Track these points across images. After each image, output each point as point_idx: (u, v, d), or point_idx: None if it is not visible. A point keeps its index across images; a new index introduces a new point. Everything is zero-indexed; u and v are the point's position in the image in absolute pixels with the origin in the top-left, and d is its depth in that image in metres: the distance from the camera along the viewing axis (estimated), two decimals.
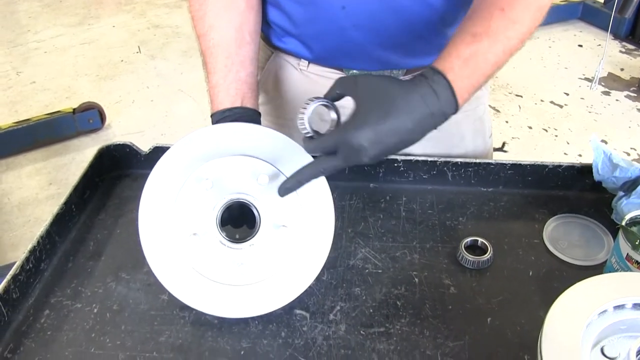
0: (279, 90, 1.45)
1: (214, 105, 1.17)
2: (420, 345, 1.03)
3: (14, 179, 3.53)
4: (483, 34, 1.01)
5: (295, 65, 1.39)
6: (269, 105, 1.48)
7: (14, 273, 1.07)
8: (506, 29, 1.03)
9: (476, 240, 1.21)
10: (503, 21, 1.03)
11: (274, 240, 1.09)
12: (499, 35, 1.02)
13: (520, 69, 4.67)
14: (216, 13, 1.19)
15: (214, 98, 1.17)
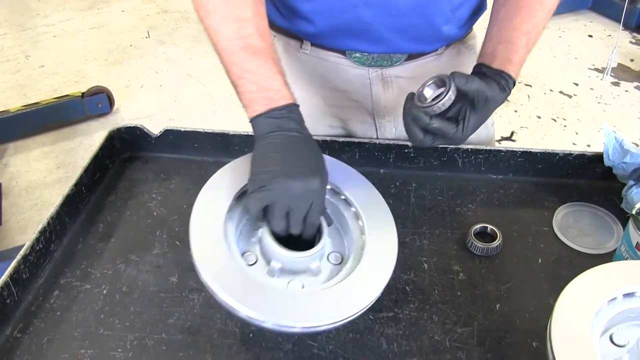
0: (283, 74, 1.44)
1: (281, 96, 1.07)
2: (429, 331, 1.03)
3: (22, 162, 3.54)
4: (532, 32, 1.19)
5: (297, 48, 1.39)
6: None
7: (24, 253, 1.08)
8: (545, 19, 1.21)
9: (485, 227, 1.21)
10: (543, 14, 1.20)
11: None
12: (540, 28, 1.21)
13: (530, 59, 4.56)
14: None
15: (278, 87, 1.08)
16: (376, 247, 1.03)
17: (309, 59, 1.39)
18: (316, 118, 1.46)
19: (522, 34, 1.18)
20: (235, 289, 0.91)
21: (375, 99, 1.41)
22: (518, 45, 1.17)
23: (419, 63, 1.37)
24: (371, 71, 1.37)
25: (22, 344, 1.01)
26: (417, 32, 1.29)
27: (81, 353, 0.99)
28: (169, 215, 1.26)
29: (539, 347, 1.01)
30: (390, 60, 1.35)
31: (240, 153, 1.36)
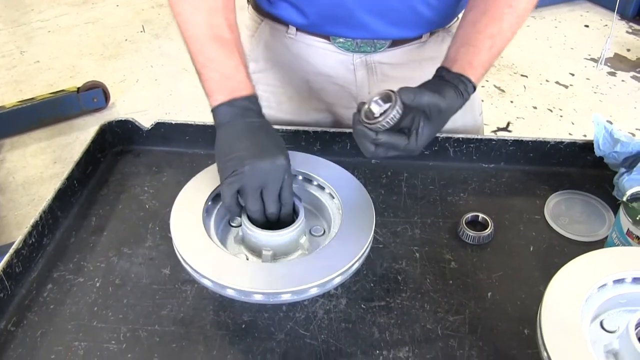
0: (268, 59, 1.46)
1: (243, 87, 1.09)
2: (421, 319, 1.03)
3: (19, 157, 3.54)
4: (497, 36, 1.16)
5: (283, 33, 1.40)
6: (259, 74, 1.48)
7: (17, 247, 1.08)
8: (514, 24, 1.18)
9: (477, 215, 1.21)
10: (512, 18, 1.17)
11: None
12: (508, 33, 1.18)
13: (526, 49, 4.65)
14: None
15: (240, 78, 1.10)
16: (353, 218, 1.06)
17: (294, 43, 1.40)
18: (301, 101, 1.49)
19: (486, 37, 1.15)
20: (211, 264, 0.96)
21: (360, 85, 1.43)
22: (480, 49, 1.15)
23: (403, 50, 1.38)
24: (355, 57, 1.38)
25: (16, 337, 1.01)
26: (398, 16, 1.29)
27: (75, 345, 1.00)
28: (161, 208, 1.26)
29: (530, 335, 1.01)
30: (374, 46, 1.36)
31: None
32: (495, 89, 4.14)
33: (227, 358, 0.98)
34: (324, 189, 1.12)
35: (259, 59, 1.46)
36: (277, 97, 1.49)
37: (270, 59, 1.46)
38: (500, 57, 3.88)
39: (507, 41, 1.18)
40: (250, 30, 1.46)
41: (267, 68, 1.47)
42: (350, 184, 1.12)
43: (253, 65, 1.47)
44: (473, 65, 1.14)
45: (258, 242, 1.02)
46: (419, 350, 0.98)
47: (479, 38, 1.15)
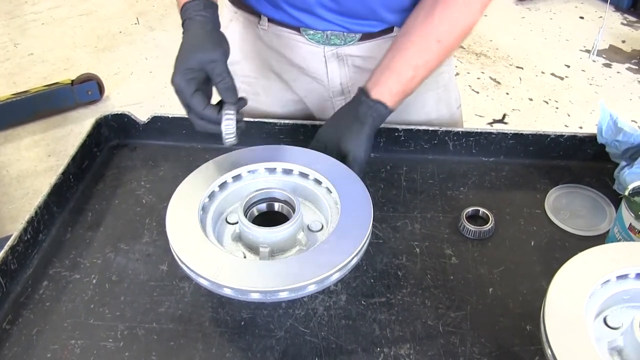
0: (243, 50, 1.47)
1: None
2: (422, 316, 1.03)
3: (13, 151, 3.52)
4: (421, 67, 1.21)
5: (255, 24, 1.41)
6: (235, 65, 1.46)
7: (12, 244, 1.07)
8: (441, 56, 1.23)
9: (477, 210, 1.20)
10: (438, 52, 1.22)
11: None
12: (433, 65, 1.23)
13: (521, 41, 4.64)
14: None
15: None
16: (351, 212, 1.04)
17: (266, 35, 1.41)
18: (277, 92, 1.50)
19: (410, 67, 1.20)
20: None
21: (331, 77, 1.43)
22: (403, 77, 1.20)
23: (374, 43, 1.38)
24: (326, 49, 1.38)
25: (11, 335, 1.00)
26: (360, 16, 1.31)
27: (71, 344, 0.99)
28: (158, 203, 1.25)
29: (532, 330, 1.00)
30: (344, 39, 1.36)
31: None
32: (490, 80, 4.14)
33: (226, 356, 0.97)
34: (320, 183, 1.11)
35: (235, 50, 1.45)
36: (254, 87, 1.50)
37: (245, 50, 1.47)
38: (496, 49, 3.89)
39: (431, 71, 1.23)
40: (225, 22, 1.47)
41: (242, 59, 1.48)
42: (348, 177, 1.10)
43: (230, 56, 1.47)
44: (393, 92, 1.19)
45: (255, 239, 1.00)
46: (420, 347, 0.98)
47: (404, 67, 1.20)
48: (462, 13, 1.20)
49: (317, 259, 0.94)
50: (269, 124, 1.37)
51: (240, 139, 1.37)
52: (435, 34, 1.20)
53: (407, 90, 1.21)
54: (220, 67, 1.07)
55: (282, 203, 1.08)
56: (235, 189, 1.12)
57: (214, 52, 1.07)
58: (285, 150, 1.16)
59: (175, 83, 1.07)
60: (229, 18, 1.46)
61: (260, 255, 1.00)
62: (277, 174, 1.14)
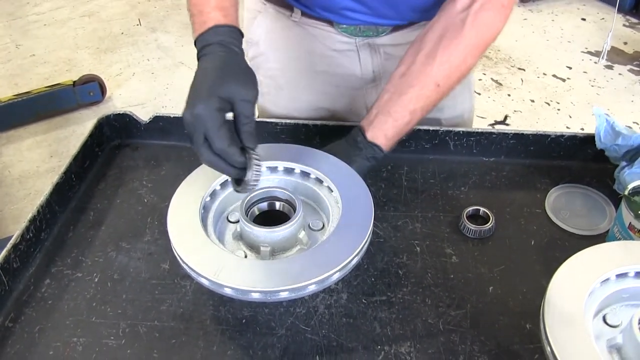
0: (269, 42, 1.47)
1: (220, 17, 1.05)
2: (422, 314, 1.03)
3: (15, 152, 3.53)
4: (418, 111, 1.19)
5: (287, 17, 1.40)
6: (259, 58, 1.49)
7: (15, 242, 1.07)
8: (437, 101, 1.20)
9: (478, 209, 1.21)
10: (436, 96, 1.19)
11: None
12: (430, 107, 1.20)
13: (523, 42, 4.64)
14: None
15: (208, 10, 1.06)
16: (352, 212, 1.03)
17: (298, 26, 1.41)
18: (301, 87, 1.49)
19: (407, 112, 1.18)
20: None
21: (364, 66, 1.44)
22: (400, 122, 1.18)
23: (405, 31, 1.38)
24: (358, 40, 1.39)
25: (13, 333, 1.01)
26: (385, 16, 1.32)
27: (73, 341, 0.99)
28: (159, 202, 1.25)
29: (532, 329, 1.00)
30: (377, 31, 1.37)
31: None
32: (492, 82, 4.14)
33: (227, 354, 0.97)
34: (322, 182, 1.11)
35: (260, 42, 1.47)
36: (277, 81, 1.49)
37: (272, 43, 1.46)
38: (497, 51, 3.88)
39: (425, 114, 1.20)
40: (252, 13, 1.47)
41: (268, 51, 1.48)
42: (349, 177, 1.11)
43: (254, 49, 1.49)
44: (388, 137, 1.18)
45: (256, 238, 1.01)
46: (420, 345, 0.98)
47: (400, 111, 1.18)
48: (463, 57, 1.18)
49: (318, 259, 0.94)
50: (270, 123, 1.38)
51: None
52: (434, 78, 1.17)
53: (402, 133, 1.20)
54: (251, 109, 0.97)
55: (283, 202, 1.08)
56: None
57: (251, 89, 0.97)
58: (287, 149, 1.16)
59: (196, 108, 0.92)
60: (257, 9, 1.46)
61: (261, 255, 1.01)
62: (279, 173, 1.14)
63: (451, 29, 1.16)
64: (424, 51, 1.18)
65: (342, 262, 0.93)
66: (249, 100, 0.96)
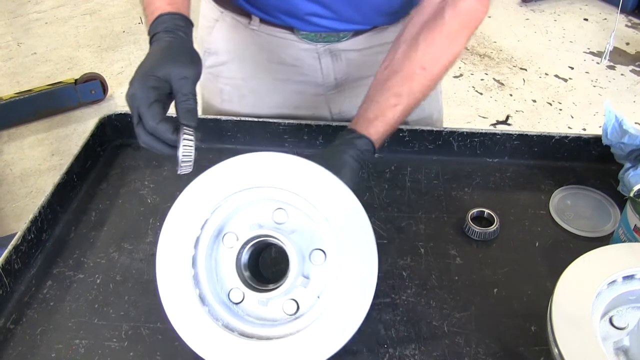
0: (230, 51, 1.44)
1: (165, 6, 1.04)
2: (427, 316, 1.02)
3: (16, 149, 3.52)
4: (404, 95, 1.13)
5: (245, 25, 1.38)
6: (220, 67, 1.47)
7: (16, 243, 1.07)
8: (424, 87, 1.15)
9: (482, 211, 1.20)
10: (423, 80, 1.14)
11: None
12: (418, 94, 1.14)
13: (525, 42, 4.64)
14: None
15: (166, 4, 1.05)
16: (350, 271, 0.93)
17: (257, 35, 1.38)
18: (265, 93, 1.47)
19: (392, 95, 1.13)
20: None
21: (325, 72, 1.42)
22: (384, 106, 1.12)
23: (366, 36, 1.37)
24: (319, 46, 1.37)
25: (15, 335, 1.00)
26: (351, 20, 1.31)
27: (76, 343, 0.99)
28: (161, 203, 1.25)
29: (537, 331, 1.00)
30: (338, 36, 1.35)
31: (232, 139, 1.36)
32: (494, 82, 4.13)
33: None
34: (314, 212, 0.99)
35: (220, 52, 1.45)
36: (240, 90, 1.47)
37: (232, 51, 1.44)
38: (500, 51, 3.88)
39: (415, 101, 1.15)
40: (209, 22, 1.44)
41: (229, 61, 1.45)
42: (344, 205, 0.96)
43: (213, 58, 1.46)
44: (369, 119, 1.12)
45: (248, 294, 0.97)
46: (425, 348, 0.98)
47: (385, 95, 1.13)
48: (448, 42, 1.15)
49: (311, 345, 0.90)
50: (273, 123, 1.37)
51: (245, 139, 1.37)
52: (419, 62, 1.14)
53: (392, 119, 1.12)
54: (189, 87, 0.96)
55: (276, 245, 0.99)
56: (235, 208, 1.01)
57: (189, 69, 0.97)
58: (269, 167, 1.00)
59: (132, 88, 0.94)
60: (214, 18, 1.43)
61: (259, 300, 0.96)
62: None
63: (431, 19, 1.14)
64: (406, 42, 1.16)
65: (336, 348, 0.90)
66: (185, 77, 0.95)
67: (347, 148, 1.08)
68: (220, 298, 0.98)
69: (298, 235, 0.96)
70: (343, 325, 0.89)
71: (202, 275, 0.98)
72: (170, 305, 0.96)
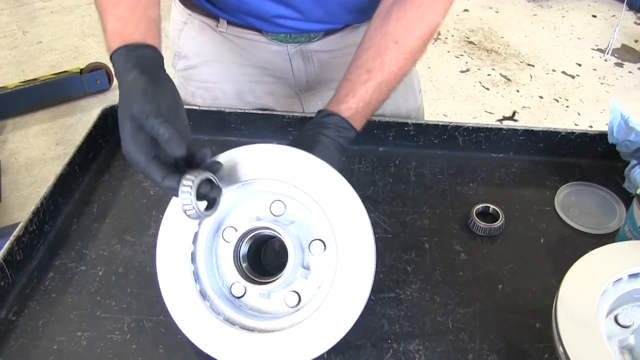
0: (200, 54, 1.42)
1: (118, 38, 0.97)
2: (431, 312, 1.02)
3: (21, 139, 3.52)
4: (376, 70, 1.08)
5: (214, 27, 1.37)
6: (191, 70, 1.45)
7: (18, 235, 1.06)
8: (398, 61, 1.10)
9: (488, 207, 1.19)
10: (396, 54, 1.09)
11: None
12: (392, 67, 1.09)
13: (533, 38, 4.62)
14: None
15: (119, 30, 0.98)
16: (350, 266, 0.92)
17: (226, 37, 1.37)
18: (236, 96, 1.45)
19: (364, 71, 1.08)
20: None
21: (297, 74, 1.41)
22: (354, 82, 1.08)
23: (338, 36, 1.36)
24: (290, 47, 1.36)
25: (17, 326, 1.00)
26: (318, 20, 1.29)
27: (78, 336, 0.98)
28: (164, 195, 1.22)
29: (542, 328, 0.99)
30: (308, 37, 1.34)
31: (235, 131, 1.35)
32: (501, 77, 4.12)
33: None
34: None
35: (190, 55, 1.44)
36: (212, 92, 1.46)
37: (201, 55, 1.42)
38: (507, 46, 3.87)
39: (391, 75, 1.10)
40: (178, 25, 1.43)
41: (199, 64, 1.44)
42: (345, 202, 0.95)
43: (184, 62, 1.45)
44: (339, 97, 1.08)
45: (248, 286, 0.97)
46: (429, 343, 0.97)
47: (357, 72, 1.09)
48: (421, 13, 1.10)
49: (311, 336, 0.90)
50: (277, 116, 1.36)
51: (248, 131, 1.36)
52: (392, 35, 1.09)
53: (363, 96, 1.07)
54: (151, 120, 0.86)
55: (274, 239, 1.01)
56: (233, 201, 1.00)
57: (143, 101, 0.87)
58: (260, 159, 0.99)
59: (124, 144, 0.88)
60: (182, 21, 1.41)
61: (260, 293, 0.96)
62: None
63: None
64: (378, 18, 1.13)
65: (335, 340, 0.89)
66: (144, 111, 0.87)
67: (317, 127, 1.04)
68: (222, 292, 0.98)
69: (296, 226, 0.97)
70: (343, 315, 0.89)
71: (202, 270, 0.99)
72: (171, 300, 0.97)
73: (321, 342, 0.89)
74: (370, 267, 0.90)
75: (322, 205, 0.93)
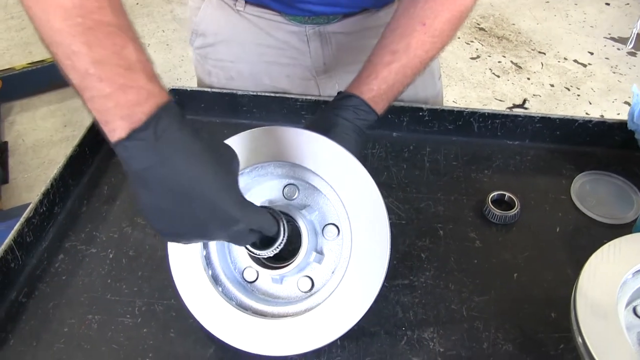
0: (217, 33, 1.41)
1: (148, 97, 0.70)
2: (445, 299, 1.01)
3: (29, 120, 3.52)
4: (401, 51, 1.04)
5: (232, 6, 1.35)
6: (207, 48, 1.44)
7: (28, 216, 1.06)
8: (425, 44, 1.06)
9: (503, 194, 1.18)
10: (423, 36, 1.05)
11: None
12: (418, 50, 1.05)
13: (545, 26, 4.59)
14: None
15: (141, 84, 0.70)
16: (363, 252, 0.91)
17: (243, 16, 1.36)
18: (253, 76, 1.44)
19: (387, 52, 1.05)
20: None
21: (314, 56, 1.39)
22: (377, 63, 1.05)
23: (357, 18, 1.35)
24: (308, 28, 1.34)
25: (27, 309, 0.99)
26: (340, 4, 1.28)
27: (89, 318, 0.98)
28: None
29: (557, 318, 0.98)
30: (327, 18, 1.32)
31: (247, 114, 1.34)
32: (512, 65, 4.09)
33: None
34: None
35: (207, 33, 1.42)
36: (227, 72, 1.45)
37: (218, 33, 1.41)
38: (518, 33, 3.83)
39: (416, 59, 1.05)
40: (196, 2, 1.41)
41: (216, 42, 1.42)
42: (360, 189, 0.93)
43: (201, 40, 1.44)
44: (361, 78, 1.05)
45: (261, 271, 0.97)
46: (443, 331, 0.96)
47: (381, 54, 1.06)
48: None
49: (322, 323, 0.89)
50: (290, 99, 1.35)
51: (261, 114, 1.35)
52: (419, 17, 1.05)
53: (385, 77, 1.03)
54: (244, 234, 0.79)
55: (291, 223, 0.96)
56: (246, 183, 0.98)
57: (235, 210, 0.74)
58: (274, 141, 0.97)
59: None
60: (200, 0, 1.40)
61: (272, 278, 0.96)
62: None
63: None
64: (405, 1, 1.09)
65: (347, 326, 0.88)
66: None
67: (334, 109, 1.02)
68: (235, 277, 0.98)
69: (310, 210, 0.96)
70: (357, 301, 0.88)
71: (214, 255, 0.98)
72: (183, 284, 0.96)
73: (334, 329, 0.88)
74: (385, 253, 0.89)
75: (336, 189, 0.92)
